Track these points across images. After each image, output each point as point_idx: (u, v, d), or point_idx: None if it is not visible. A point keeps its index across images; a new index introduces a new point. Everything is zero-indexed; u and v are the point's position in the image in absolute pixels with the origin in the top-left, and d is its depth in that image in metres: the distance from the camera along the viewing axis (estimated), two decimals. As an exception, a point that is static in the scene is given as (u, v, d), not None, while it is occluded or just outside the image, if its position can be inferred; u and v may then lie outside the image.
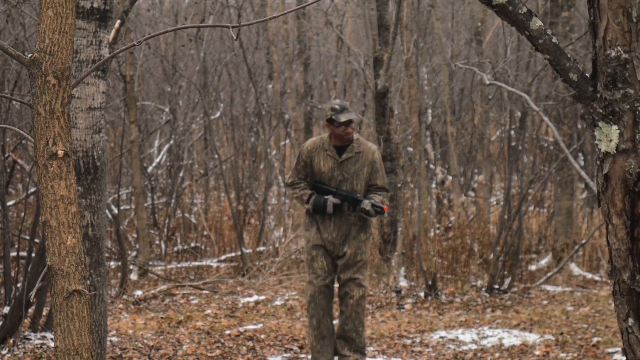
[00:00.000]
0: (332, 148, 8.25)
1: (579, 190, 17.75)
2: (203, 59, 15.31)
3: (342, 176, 8.22)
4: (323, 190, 8.24)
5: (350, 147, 8.24)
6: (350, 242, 8.23)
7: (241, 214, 14.88)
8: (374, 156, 8.27)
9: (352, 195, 8.16)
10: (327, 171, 8.23)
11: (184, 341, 9.67)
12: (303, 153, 8.34)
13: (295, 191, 8.34)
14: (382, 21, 13.21)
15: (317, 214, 8.26)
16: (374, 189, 8.28)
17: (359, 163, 8.23)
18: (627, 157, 3.84)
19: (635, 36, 3.79)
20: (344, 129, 8.16)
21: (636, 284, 3.90)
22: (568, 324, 10.67)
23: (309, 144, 8.39)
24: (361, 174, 8.23)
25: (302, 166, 8.32)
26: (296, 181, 8.34)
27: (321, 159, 8.25)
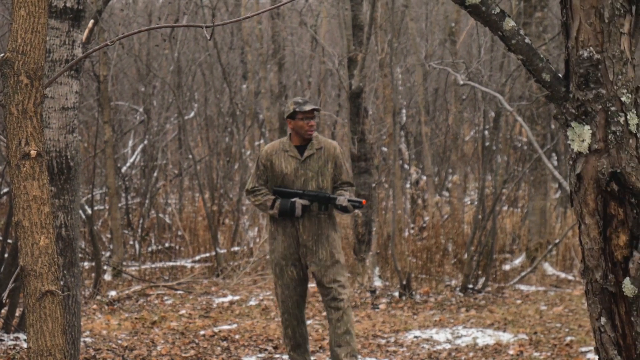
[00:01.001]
0: (292, 148, 7.96)
1: (552, 190, 17.82)
2: (177, 59, 15.28)
3: (307, 175, 7.93)
4: (286, 194, 7.91)
5: (310, 144, 7.98)
6: (323, 243, 7.92)
7: (215, 214, 14.86)
8: (336, 151, 8.00)
9: (323, 194, 7.87)
10: (291, 172, 7.92)
11: (158, 342, 9.64)
12: (262, 157, 8.03)
13: (257, 198, 7.97)
14: (357, 21, 13.23)
15: (283, 218, 7.90)
16: (339, 184, 8.02)
17: (322, 159, 7.96)
18: (600, 157, 3.86)
19: (607, 37, 3.81)
20: (308, 122, 7.91)
21: (608, 283, 3.92)
22: (542, 324, 10.72)
23: (268, 147, 8.08)
24: (326, 170, 7.96)
25: (262, 171, 8.00)
26: (257, 187, 8.00)
27: (282, 160, 7.95)
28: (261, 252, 14.09)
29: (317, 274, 7.91)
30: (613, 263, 3.91)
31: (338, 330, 7.95)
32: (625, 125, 3.84)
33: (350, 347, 7.96)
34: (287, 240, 7.92)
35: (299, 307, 8.02)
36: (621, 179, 3.85)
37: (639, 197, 3.86)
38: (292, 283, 7.95)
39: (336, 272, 7.93)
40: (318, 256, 7.90)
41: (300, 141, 7.99)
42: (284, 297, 7.95)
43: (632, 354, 3.91)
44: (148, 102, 15.75)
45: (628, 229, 3.89)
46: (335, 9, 20.65)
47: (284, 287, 7.95)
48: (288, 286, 7.95)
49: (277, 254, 7.96)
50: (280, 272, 7.95)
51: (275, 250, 7.97)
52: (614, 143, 3.84)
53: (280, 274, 7.96)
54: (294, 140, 8.00)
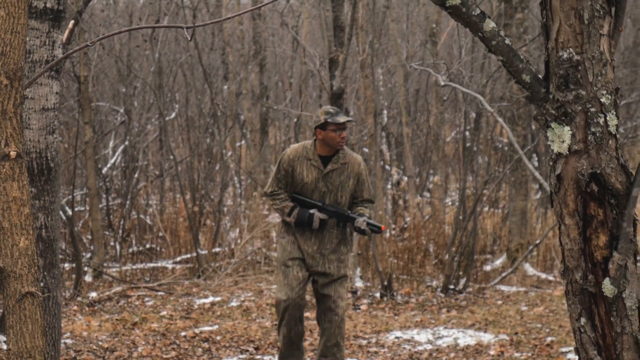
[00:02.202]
0: (316, 157, 7.70)
1: (533, 190, 17.88)
2: (158, 59, 15.24)
3: (327, 187, 7.70)
4: (305, 203, 7.72)
5: (336, 157, 7.72)
6: (330, 256, 7.77)
7: (197, 215, 14.83)
8: (360, 168, 7.75)
9: (342, 212, 7.67)
10: (310, 182, 7.69)
11: (139, 343, 9.62)
12: (284, 161, 7.74)
13: (275, 202, 7.78)
14: (338, 22, 13.23)
15: (297, 227, 7.76)
16: (359, 201, 7.81)
17: (345, 175, 7.71)
18: (579, 157, 3.88)
19: (587, 38, 3.83)
20: (340, 133, 7.62)
21: (588, 283, 3.93)
22: (522, 324, 10.74)
23: (291, 151, 7.76)
24: (346, 186, 7.72)
25: (283, 175, 7.75)
26: (276, 191, 7.78)
27: (304, 168, 7.70)
28: (242, 253, 14.08)
29: (320, 283, 7.80)
30: (593, 263, 3.92)
31: (328, 342, 7.83)
32: (605, 126, 3.86)
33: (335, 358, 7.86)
34: (295, 245, 7.80)
35: (299, 309, 7.83)
36: (601, 179, 3.86)
37: (618, 197, 3.88)
38: (296, 284, 7.77)
39: (339, 285, 7.81)
40: (325, 269, 7.78)
41: (326, 151, 7.74)
42: (286, 297, 7.76)
43: (611, 354, 3.92)
44: (129, 103, 15.71)
45: (608, 229, 3.90)
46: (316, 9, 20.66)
47: (287, 287, 7.77)
48: (292, 287, 7.76)
49: (284, 253, 7.84)
50: (286, 270, 7.81)
51: (284, 249, 7.86)
52: (594, 144, 3.85)
53: (285, 273, 7.80)
54: (319, 149, 7.73)
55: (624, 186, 3.89)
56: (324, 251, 7.78)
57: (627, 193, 3.89)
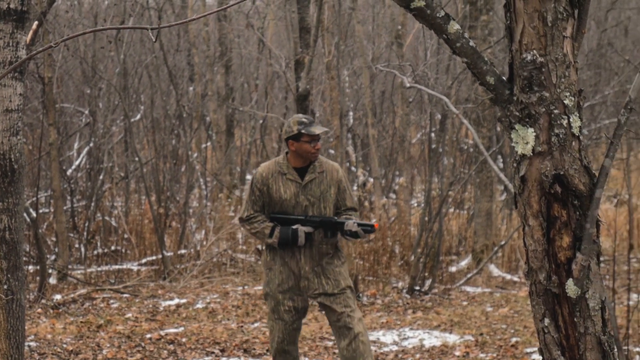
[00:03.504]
0: (292, 170, 7.21)
1: (498, 192, 17.95)
2: (123, 61, 15.18)
3: (308, 200, 7.18)
4: (287, 221, 7.17)
5: (312, 166, 7.24)
6: (327, 274, 7.21)
7: (162, 217, 14.78)
8: (339, 174, 7.30)
9: (328, 219, 7.15)
10: (290, 197, 7.18)
11: (104, 345, 9.58)
12: (257, 181, 7.24)
13: (253, 226, 7.21)
14: (304, 24, 13.24)
15: (282, 248, 7.21)
16: (343, 210, 7.31)
17: (324, 184, 7.23)
18: (543, 159, 3.90)
19: (550, 40, 3.85)
20: (315, 145, 7.13)
21: (552, 284, 3.95)
22: (487, 325, 10.79)
23: (263, 169, 7.26)
24: (328, 196, 7.22)
25: (258, 196, 7.23)
26: (252, 215, 7.23)
27: (280, 184, 7.19)
28: (208, 255, 14.05)
29: (326, 302, 7.22)
30: (556, 264, 3.94)
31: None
32: (568, 128, 3.88)
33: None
34: (286, 271, 7.25)
35: (294, 344, 7.37)
36: (564, 181, 3.88)
37: (581, 199, 3.90)
38: (289, 317, 7.28)
39: (345, 299, 7.22)
40: (323, 288, 7.22)
41: (300, 163, 7.25)
42: (279, 332, 7.27)
43: (575, 355, 3.95)
44: (94, 105, 15.63)
45: (571, 230, 3.92)
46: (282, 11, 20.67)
47: (279, 321, 7.27)
48: (284, 321, 7.27)
49: (272, 287, 7.26)
50: (276, 305, 7.27)
51: (271, 282, 7.27)
52: (557, 145, 3.87)
53: (276, 308, 7.27)
54: (293, 161, 7.25)
55: (587, 187, 3.91)
56: (317, 269, 7.23)
57: (590, 194, 3.91)
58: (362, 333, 7.11)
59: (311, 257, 7.22)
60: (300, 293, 7.26)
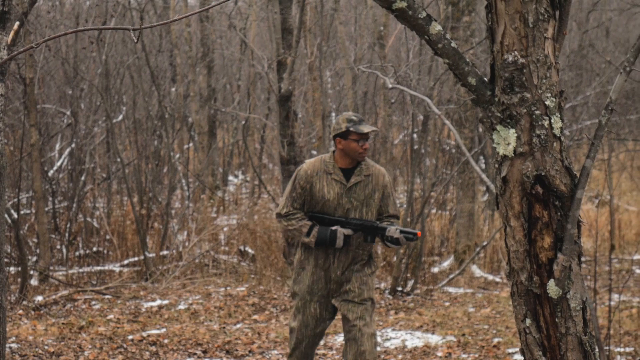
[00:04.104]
0: (337, 171, 6.95)
1: (480, 192, 17.99)
2: (105, 61, 15.13)
3: (351, 203, 6.93)
4: (326, 221, 6.95)
5: (358, 169, 6.97)
6: (355, 280, 6.99)
7: (144, 218, 14.75)
8: (385, 179, 7.03)
9: (370, 223, 6.89)
10: (333, 198, 6.92)
11: (85, 347, 9.55)
12: (301, 178, 6.99)
13: (290, 222, 7.01)
14: (286, 25, 13.24)
15: (319, 248, 7.00)
16: (384, 217, 7.07)
17: (369, 188, 6.97)
18: (525, 160, 3.91)
19: (531, 41, 3.86)
20: (363, 144, 6.85)
21: (533, 285, 3.96)
22: (469, 325, 10.81)
23: (308, 167, 7.00)
24: (372, 201, 6.97)
25: (299, 193, 7.00)
26: (291, 211, 7.01)
27: (325, 184, 6.93)
28: (190, 256, 14.03)
29: (344, 308, 7.01)
30: (538, 265, 3.96)
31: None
32: (550, 129, 3.89)
33: None
34: (317, 273, 7.05)
35: (312, 347, 7.17)
36: (546, 181, 3.89)
37: (563, 199, 3.91)
38: (313, 322, 7.07)
39: (365, 310, 6.99)
40: (347, 292, 7.00)
41: (347, 163, 6.98)
42: (300, 334, 7.07)
43: (556, 355, 3.96)
44: (75, 105, 15.58)
45: (552, 231, 3.93)
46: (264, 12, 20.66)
47: (302, 323, 7.06)
48: (307, 324, 7.07)
49: (302, 287, 7.07)
50: (303, 306, 7.06)
51: (302, 282, 7.08)
52: (539, 146, 3.89)
53: (302, 309, 7.06)
54: (340, 161, 6.99)
55: (568, 188, 3.93)
56: (348, 275, 7.01)
57: (571, 195, 3.93)
58: (368, 351, 6.90)
59: (345, 261, 7.01)
60: (328, 297, 7.06)
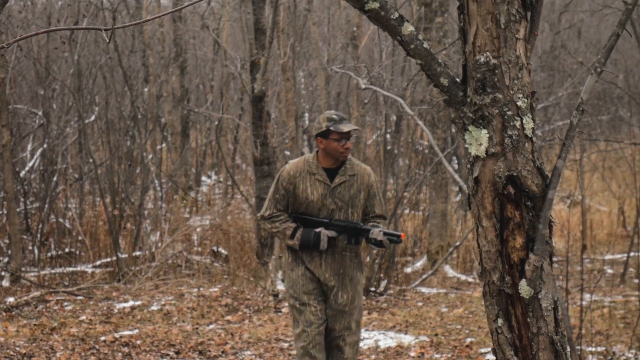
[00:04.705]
0: (321, 171, 6.79)
1: (453, 193, 18.04)
2: (77, 61, 15.07)
3: (335, 204, 6.75)
4: (310, 223, 6.78)
5: (343, 168, 6.81)
6: (346, 285, 6.82)
7: (117, 219, 14.70)
8: (371, 179, 6.86)
9: (354, 225, 6.72)
10: (317, 199, 6.75)
11: (57, 348, 9.51)
12: (283, 179, 6.81)
13: (274, 225, 6.82)
14: (259, 25, 13.23)
15: (304, 251, 6.81)
16: (371, 217, 6.89)
17: (354, 188, 6.79)
18: (497, 160, 3.92)
19: (503, 42, 3.87)
20: (344, 143, 6.70)
21: (505, 285, 3.98)
22: (442, 325, 10.83)
23: (291, 167, 6.83)
24: (357, 201, 6.80)
25: (282, 195, 6.81)
26: (275, 213, 6.83)
27: (308, 185, 6.76)
28: (163, 257, 13.99)
29: (331, 316, 6.84)
30: (510, 265, 3.97)
31: None
32: (522, 129, 3.91)
33: None
34: (308, 274, 6.84)
35: (321, 350, 6.84)
36: (517, 182, 3.91)
37: (534, 200, 3.93)
38: (316, 320, 6.81)
39: (351, 319, 6.84)
40: (337, 299, 6.82)
41: (330, 163, 6.81)
42: (306, 337, 6.79)
43: (528, 355, 3.97)
44: (47, 106, 15.51)
45: (524, 231, 3.95)
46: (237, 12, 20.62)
47: (305, 324, 6.79)
48: (311, 323, 6.79)
49: (297, 287, 6.84)
50: (302, 306, 6.82)
51: (295, 283, 6.85)
52: (511, 147, 3.90)
53: (302, 309, 6.82)
54: (323, 161, 6.83)
55: (540, 188, 3.94)
56: (337, 277, 6.80)
57: (543, 195, 3.94)
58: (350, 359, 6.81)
59: (332, 263, 6.81)
60: (322, 297, 6.86)
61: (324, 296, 6.86)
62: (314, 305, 6.80)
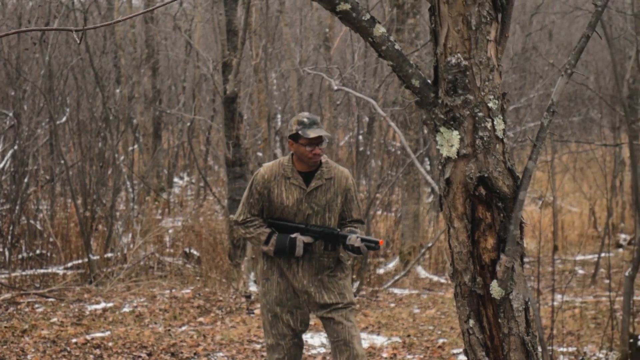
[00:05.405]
0: (296, 175, 6.56)
1: (425, 194, 18.07)
2: (48, 62, 14.99)
3: (311, 209, 6.55)
4: (286, 228, 6.57)
5: (319, 172, 6.58)
6: (328, 286, 6.59)
7: (88, 220, 14.63)
8: (348, 182, 6.62)
9: (330, 231, 6.51)
10: (292, 204, 6.54)
11: (28, 350, 9.46)
12: (258, 183, 6.59)
13: (248, 230, 6.60)
14: (231, 26, 13.21)
15: (279, 257, 6.60)
16: (348, 222, 6.67)
17: (331, 192, 6.57)
18: (468, 161, 3.93)
19: (474, 43, 3.88)
20: (312, 149, 6.46)
21: (477, 285, 3.99)
22: (415, 326, 10.85)
23: (265, 170, 6.61)
24: (334, 206, 6.58)
25: (257, 199, 6.60)
26: (249, 218, 6.61)
27: (283, 189, 6.55)
28: (135, 258, 13.94)
29: (328, 315, 6.60)
30: (481, 266, 3.98)
31: None
32: (493, 131, 3.92)
33: None
34: (284, 283, 6.64)
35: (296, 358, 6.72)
36: (489, 183, 3.92)
37: (505, 201, 3.94)
38: (289, 332, 6.65)
39: (349, 312, 6.62)
40: (325, 300, 6.59)
41: (305, 167, 6.58)
42: (280, 349, 6.65)
43: (499, 355, 3.99)
44: (18, 107, 15.42)
45: (495, 232, 3.96)
46: (209, 13, 20.59)
47: (278, 337, 6.63)
48: (284, 335, 6.64)
49: (270, 298, 6.65)
50: (274, 319, 6.64)
51: (268, 293, 6.66)
52: (482, 148, 3.91)
53: (274, 322, 6.64)
54: (298, 165, 6.61)
55: (511, 189, 3.95)
56: (317, 282, 6.60)
57: (514, 196, 3.95)
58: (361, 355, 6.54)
59: (310, 269, 6.60)
60: (299, 307, 6.66)
61: (299, 307, 6.65)
62: (286, 317, 6.62)
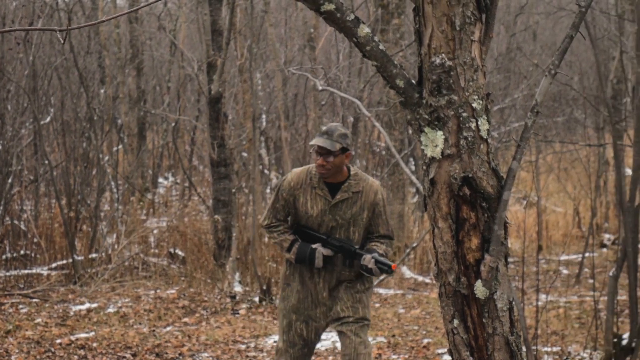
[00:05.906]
0: (322, 185, 6.37)
1: (410, 194, 18.09)
2: (32, 62, 14.95)
3: (335, 222, 6.38)
4: (310, 236, 6.43)
5: (346, 184, 6.37)
6: (345, 296, 6.44)
7: (72, 221, 14.60)
8: (377, 197, 6.41)
9: (347, 246, 6.33)
10: (316, 215, 6.38)
11: (12, 351, 9.43)
12: (284, 190, 6.46)
13: (272, 235, 6.49)
14: (216, 26, 13.19)
15: (301, 265, 6.49)
16: (375, 237, 6.49)
17: (357, 206, 6.37)
18: (452, 162, 3.94)
19: (458, 44, 3.89)
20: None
21: (461, 285, 4.00)
22: (400, 326, 10.86)
23: (293, 177, 6.48)
24: (360, 220, 6.39)
25: (282, 205, 6.47)
26: (273, 223, 6.51)
27: (308, 198, 6.39)
28: (119, 259, 13.92)
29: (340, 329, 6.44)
30: (465, 266, 3.99)
31: None
32: (477, 131, 3.93)
33: None
34: (304, 292, 6.51)
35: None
36: (473, 183, 3.93)
37: (490, 201, 3.95)
38: (300, 342, 6.54)
39: (361, 328, 6.41)
40: (338, 314, 6.43)
41: (332, 178, 6.40)
42: (287, 355, 6.56)
43: (483, 355, 3.99)
44: (2, 107, 15.37)
45: (480, 232, 3.97)
46: (194, 13, 20.58)
47: (288, 344, 6.54)
48: (294, 344, 6.53)
49: (287, 304, 6.55)
50: (288, 326, 6.53)
51: (287, 299, 6.56)
52: (466, 148, 3.92)
53: (287, 329, 6.53)
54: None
55: (495, 190, 3.96)
56: (335, 292, 6.46)
57: (498, 196, 3.96)
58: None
59: (330, 281, 6.45)
60: (315, 319, 6.52)
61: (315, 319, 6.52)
62: (300, 326, 6.51)
